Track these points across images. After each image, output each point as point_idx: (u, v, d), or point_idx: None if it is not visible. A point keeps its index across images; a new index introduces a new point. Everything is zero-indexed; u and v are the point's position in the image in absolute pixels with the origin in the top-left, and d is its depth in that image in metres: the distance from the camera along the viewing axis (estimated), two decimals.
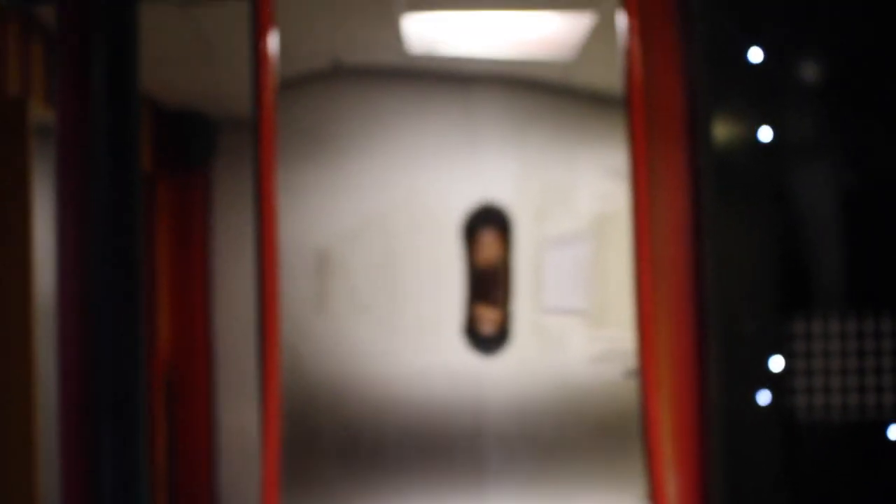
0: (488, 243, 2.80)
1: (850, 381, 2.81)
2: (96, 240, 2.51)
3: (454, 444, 2.77)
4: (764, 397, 2.76)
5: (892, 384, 2.81)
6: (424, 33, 2.82)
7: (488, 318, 2.78)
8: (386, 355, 2.77)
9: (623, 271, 2.74)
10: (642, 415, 2.65)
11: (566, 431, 2.79)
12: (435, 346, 2.79)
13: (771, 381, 2.76)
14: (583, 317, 2.82)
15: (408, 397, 2.77)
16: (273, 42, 2.63)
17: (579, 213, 2.83)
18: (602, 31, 2.79)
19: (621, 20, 2.71)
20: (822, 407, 2.80)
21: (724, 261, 2.70)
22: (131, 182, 2.54)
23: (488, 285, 2.81)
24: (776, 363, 2.78)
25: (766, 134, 2.79)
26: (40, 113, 2.60)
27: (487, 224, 2.81)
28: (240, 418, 2.74)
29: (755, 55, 2.78)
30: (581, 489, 2.78)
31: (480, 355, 2.79)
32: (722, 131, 2.77)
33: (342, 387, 2.75)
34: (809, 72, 2.83)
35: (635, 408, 2.70)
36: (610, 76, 2.77)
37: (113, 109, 2.53)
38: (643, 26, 2.70)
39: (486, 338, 2.79)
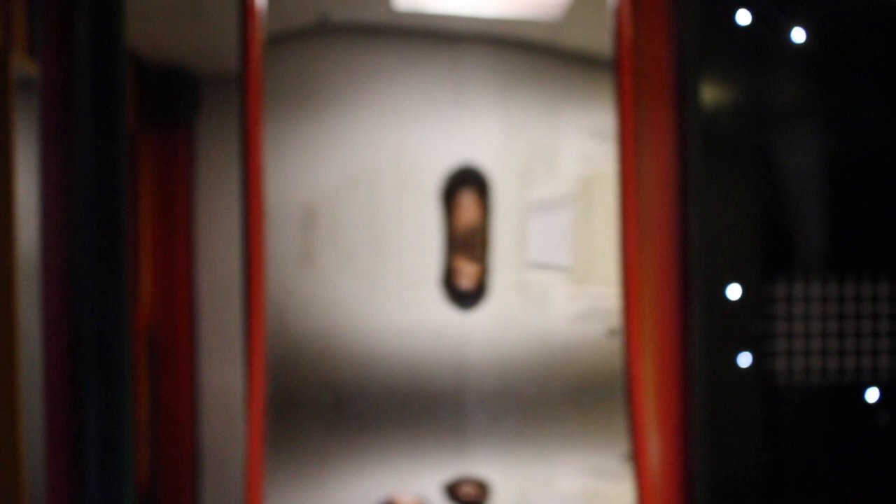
0: (467, 206, 2.80)
1: (830, 344, 2.84)
2: (80, 194, 2.49)
3: (437, 400, 2.78)
4: (745, 359, 2.79)
5: (871, 347, 2.85)
6: None
7: (467, 273, 2.78)
8: (370, 312, 2.77)
9: (607, 232, 2.75)
10: (626, 375, 2.67)
11: (548, 389, 2.81)
12: (418, 303, 2.79)
13: (752, 343, 2.79)
14: (566, 273, 2.82)
15: (391, 354, 2.77)
16: None
17: (564, 175, 2.83)
18: None
19: None
20: (803, 369, 2.83)
21: (709, 223, 2.72)
22: (117, 137, 2.52)
23: (468, 242, 2.81)
24: (758, 326, 2.80)
25: (753, 97, 2.80)
26: (23, 66, 2.56)
27: (466, 185, 2.80)
28: (223, 377, 2.74)
29: (743, 18, 2.78)
30: (563, 447, 2.81)
31: (458, 310, 2.79)
32: (709, 94, 2.77)
33: (327, 343, 2.75)
34: (797, 35, 2.83)
35: (618, 366, 2.72)
36: (598, 37, 2.76)
37: (98, 63, 2.51)
38: None
39: (464, 293, 2.79)
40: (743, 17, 2.77)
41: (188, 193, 2.85)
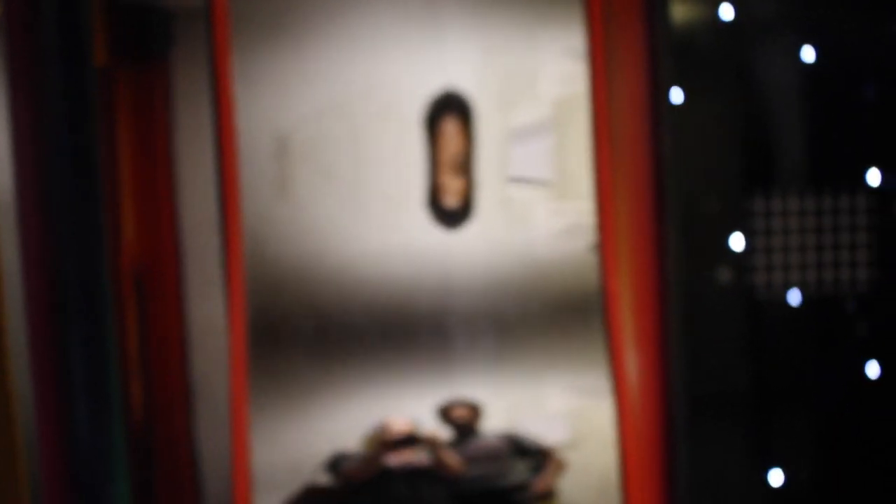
0: (451, 133, 2.79)
1: (809, 257, 2.85)
2: (52, 134, 2.48)
3: (420, 323, 2.79)
4: (724, 275, 2.80)
5: (849, 260, 2.86)
6: None
7: (452, 189, 2.78)
8: (351, 236, 2.78)
9: (587, 149, 2.74)
10: (602, 292, 2.68)
11: (530, 307, 2.82)
12: (399, 225, 2.79)
13: (731, 258, 2.80)
14: (547, 188, 2.82)
15: (373, 278, 2.78)
16: None
17: (542, 96, 2.81)
18: None
19: None
20: (781, 284, 2.84)
21: (684, 140, 2.70)
22: (85, 73, 2.50)
23: (452, 162, 2.81)
24: (736, 240, 2.81)
25: (726, 12, 2.78)
26: None
27: (449, 112, 2.79)
28: (211, 309, 2.76)
29: None
30: (545, 365, 2.83)
31: (444, 229, 2.79)
32: (682, 10, 2.75)
33: (307, 271, 2.76)
34: None
35: (598, 283, 2.74)
36: None
37: None
38: None
39: (449, 211, 2.79)
40: None
41: (166, 129, 2.84)
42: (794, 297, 2.80)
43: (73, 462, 2.50)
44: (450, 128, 2.79)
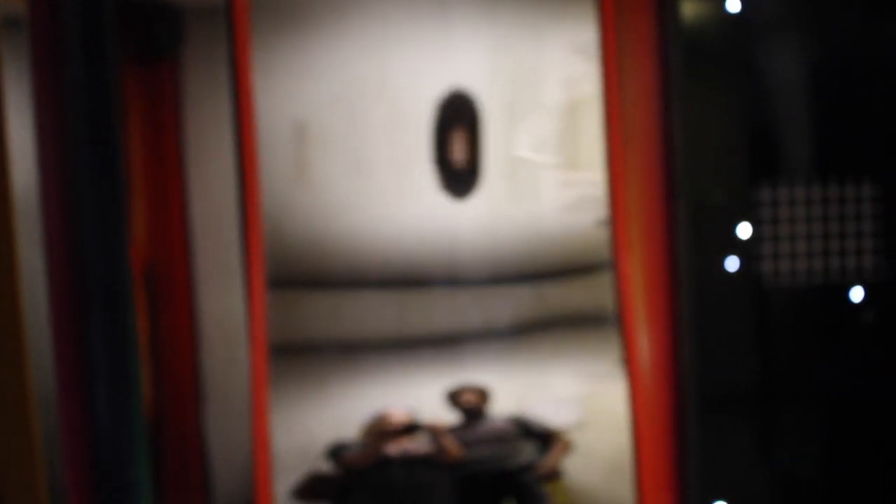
0: (458, 138, 2.81)
1: (815, 245, 2.86)
2: (74, 133, 2.49)
3: (432, 302, 2.81)
4: (732, 263, 2.82)
5: (855, 248, 2.88)
6: None
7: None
8: (365, 219, 2.78)
9: (595, 135, 2.75)
10: (615, 276, 2.71)
11: (540, 285, 2.83)
12: (416, 208, 2.81)
13: (739, 247, 2.82)
14: (556, 164, 2.83)
15: (386, 253, 2.79)
16: None
17: (550, 93, 2.83)
18: None
19: None
20: (789, 272, 2.86)
21: (693, 131, 2.72)
22: (108, 72, 2.51)
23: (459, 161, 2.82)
24: (744, 230, 2.83)
25: (733, 5, 2.80)
26: (9, 3, 2.54)
27: (456, 114, 2.81)
28: (222, 303, 2.77)
29: None
30: (557, 350, 2.85)
31: (452, 194, 2.80)
32: (690, 2, 2.77)
33: (324, 253, 2.77)
34: None
35: (606, 258, 2.74)
36: None
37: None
38: None
39: (458, 171, 2.79)
40: None
41: (177, 125, 2.84)
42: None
43: (94, 447, 2.51)
44: (457, 135, 2.80)
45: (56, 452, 2.51)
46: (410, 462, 2.76)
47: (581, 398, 2.83)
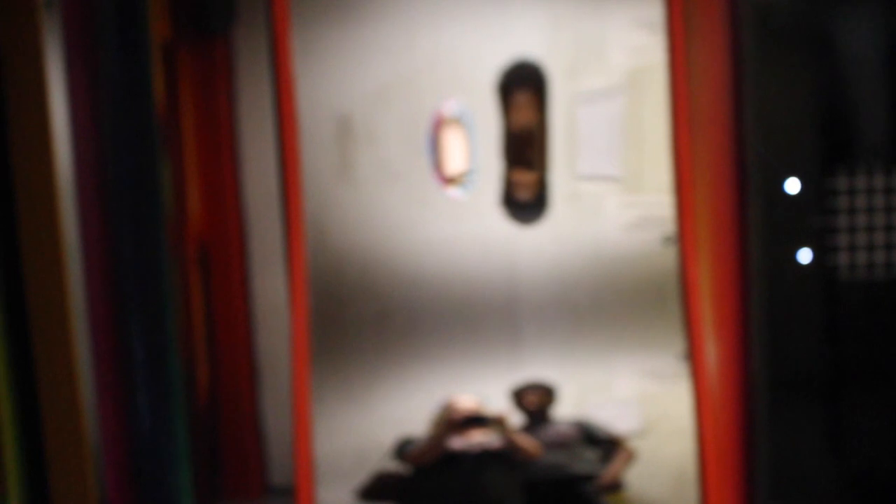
0: (523, 104, 2.73)
1: (895, 237, 2.75)
2: (110, 113, 2.47)
3: (489, 313, 2.76)
4: (805, 256, 2.72)
5: None
6: None
7: (524, 183, 2.73)
8: (415, 224, 2.74)
9: (659, 132, 2.67)
10: (681, 277, 2.63)
11: (602, 298, 2.77)
12: (468, 214, 2.76)
13: (813, 238, 2.72)
14: (618, 183, 2.77)
15: (439, 266, 2.75)
16: None
17: (612, 68, 2.74)
18: None
19: None
20: (865, 264, 2.75)
21: (765, 115, 2.63)
22: (142, 51, 2.48)
23: (524, 147, 2.75)
24: (818, 220, 2.72)
25: None
26: None
27: (522, 83, 2.73)
28: (275, 284, 2.75)
29: None
30: (617, 354, 2.78)
31: (517, 223, 2.75)
32: None
33: (370, 257, 2.73)
34: None
35: (671, 274, 2.68)
36: None
37: None
38: None
39: (523, 204, 2.74)
40: None
41: (228, 105, 2.84)
42: (880, 277, 2.73)
43: (135, 450, 2.52)
44: (522, 100, 2.73)
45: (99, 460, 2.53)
46: (479, 458, 2.70)
47: (643, 400, 2.77)
